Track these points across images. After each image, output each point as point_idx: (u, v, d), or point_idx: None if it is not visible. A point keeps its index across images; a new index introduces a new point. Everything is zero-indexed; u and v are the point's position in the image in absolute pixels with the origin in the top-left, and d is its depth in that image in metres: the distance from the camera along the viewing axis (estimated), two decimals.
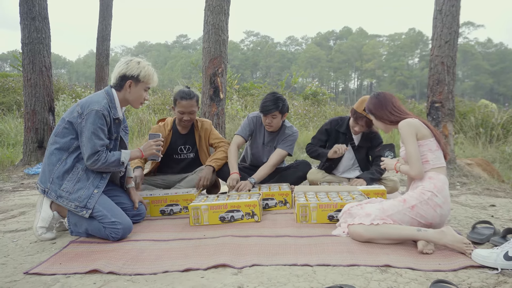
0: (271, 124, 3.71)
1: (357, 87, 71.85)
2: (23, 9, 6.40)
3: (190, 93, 3.60)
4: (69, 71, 70.82)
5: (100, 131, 2.62)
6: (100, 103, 2.65)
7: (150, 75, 2.81)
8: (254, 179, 3.61)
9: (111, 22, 10.77)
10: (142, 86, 2.81)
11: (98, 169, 2.64)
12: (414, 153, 2.55)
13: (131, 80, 2.78)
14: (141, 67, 2.79)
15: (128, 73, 2.77)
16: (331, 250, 2.30)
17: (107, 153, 2.65)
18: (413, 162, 2.56)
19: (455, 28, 5.34)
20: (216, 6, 6.25)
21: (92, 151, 2.57)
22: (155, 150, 2.91)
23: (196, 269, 2.07)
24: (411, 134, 2.57)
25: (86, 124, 2.59)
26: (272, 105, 3.61)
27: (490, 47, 63.91)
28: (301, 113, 13.07)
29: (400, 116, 2.71)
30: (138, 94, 2.82)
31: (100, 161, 2.60)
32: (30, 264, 2.23)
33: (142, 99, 2.86)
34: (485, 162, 5.93)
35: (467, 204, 3.68)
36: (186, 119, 3.62)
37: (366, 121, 3.55)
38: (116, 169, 2.76)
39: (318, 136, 3.96)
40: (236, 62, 64.33)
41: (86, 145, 2.58)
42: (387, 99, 2.78)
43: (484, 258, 2.05)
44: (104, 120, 2.64)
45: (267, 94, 3.75)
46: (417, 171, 2.56)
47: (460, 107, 9.98)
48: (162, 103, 12.61)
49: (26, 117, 6.54)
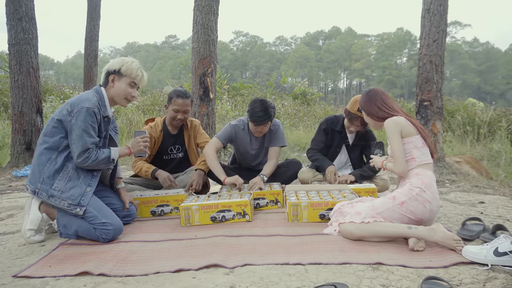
0: (262, 131, 3.71)
1: (347, 86, 72.27)
2: (9, 9, 6.31)
3: (186, 93, 3.63)
4: (57, 72, 70.11)
5: (91, 129, 2.60)
6: (90, 101, 2.63)
7: (132, 69, 2.76)
8: (265, 176, 3.61)
9: (99, 22, 10.68)
10: (125, 81, 2.76)
11: (88, 166, 2.62)
12: (398, 150, 2.58)
13: (113, 74, 2.76)
14: (124, 62, 2.77)
15: (111, 68, 2.77)
16: (322, 248, 2.31)
17: (97, 150, 2.63)
18: (397, 159, 2.59)
19: (443, 27, 5.39)
20: (205, 6, 6.24)
21: (83, 149, 2.55)
22: (143, 147, 2.89)
23: (188, 270, 2.06)
24: (396, 132, 2.60)
25: (77, 121, 2.56)
26: (265, 115, 3.56)
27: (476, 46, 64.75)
28: (291, 113, 13.09)
29: (388, 112, 2.72)
30: (120, 88, 2.77)
31: (91, 159, 2.58)
32: (18, 267, 2.20)
33: (128, 95, 2.79)
34: (473, 159, 5.99)
35: (457, 201, 3.72)
36: (180, 118, 3.61)
37: (361, 120, 3.56)
38: (105, 166, 2.74)
39: (318, 138, 3.95)
40: (225, 62, 64.28)
41: (77, 143, 2.55)
42: (377, 95, 2.79)
43: (474, 255, 2.07)
44: (94, 117, 2.62)
45: (255, 102, 3.62)
46: (400, 169, 2.59)
47: (448, 106, 10.08)
48: (152, 104, 12.54)
49: (14, 119, 6.45)
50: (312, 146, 3.96)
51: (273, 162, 3.75)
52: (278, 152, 3.82)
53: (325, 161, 3.78)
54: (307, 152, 4.00)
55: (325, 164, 3.75)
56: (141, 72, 2.82)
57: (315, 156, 3.87)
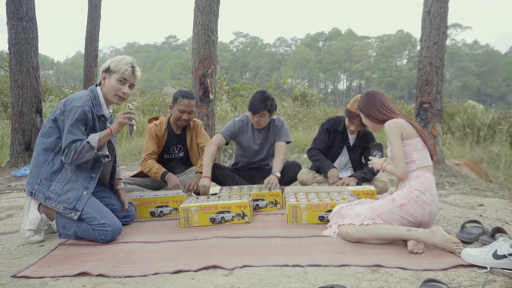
0: (259, 122, 3.74)
1: (346, 88, 72.23)
2: (10, 9, 6.31)
3: (191, 93, 3.65)
4: (57, 72, 70.07)
5: (76, 128, 2.56)
6: (81, 100, 2.61)
7: (121, 65, 2.70)
8: (277, 172, 3.62)
9: (99, 22, 10.69)
10: (115, 77, 2.71)
11: (74, 160, 2.54)
12: (399, 153, 2.58)
13: (105, 72, 2.76)
14: (114, 59, 2.75)
15: (103, 66, 2.77)
16: (322, 250, 2.31)
17: (76, 143, 2.53)
18: (398, 161, 2.59)
19: (443, 29, 5.39)
20: (206, 6, 6.23)
21: (64, 146, 2.52)
22: (121, 119, 2.64)
23: (187, 271, 2.06)
24: (396, 134, 2.60)
25: (67, 120, 2.56)
26: (261, 104, 3.63)
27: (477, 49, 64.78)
28: (290, 114, 13.10)
29: (388, 115, 2.72)
30: (110, 85, 2.72)
31: (71, 151, 2.50)
32: (17, 267, 2.20)
33: (118, 91, 2.72)
34: (473, 162, 5.99)
35: (456, 203, 3.72)
36: (185, 118, 3.63)
37: (360, 119, 3.57)
38: (90, 155, 2.57)
39: (320, 138, 3.95)
40: (225, 63, 64.26)
41: (63, 141, 2.54)
42: (376, 97, 2.79)
43: (473, 257, 2.07)
44: (85, 116, 2.60)
45: (255, 93, 3.78)
46: (401, 171, 2.59)
47: (448, 108, 10.08)
48: (151, 104, 12.54)
49: (13, 119, 6.45)
50: (313, 146, 3.96)
51: (280, 157, 3.75)
52: (284, 147, 3.83)
53: (327, 162, 3.79)
54: (307, 152, 4.00)
55: (327, 166, 3.75)
56: (130, 67, 2.72)
57: (317, 157, 3.87)
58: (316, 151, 3.91)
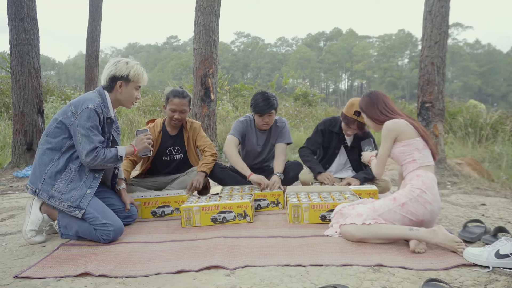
0: (268, 122, 3.75)
1: (348, 88, 72.20)
2: (11, 10, 6.33)
3: (183, 92, 3.62)
4: (58, 73, 70.12)
5: (95, 128, 2.61)
6: (93, 101, 2.64)
7: (139, 74, 2.81)
8: (281, 174, 3.63)
9: (100, 23, 10.71)
10: (132, 86, 2.80)
11: (96, 166, 2.61)
12: (383, 155, 2.72)
13: (121, 80, 2.76)
14: (130, 67, 2.78)
15: (118, 73, 2.75)
16: (323, 250, 2.30)
17: (105, 149, 2.63)
18: (378, 162, 2.76)
19: (445, 28, 5.39)
20: (207, 7, 6.24)
21: (91, 148, 2.55)
22: (147, 144, 2.91)
23: (188, 271, 2.06)
24: (388, 137, 2.66)
25: (81, 121, 2.56)
26: (267, 105, 3.63)
27: (478, 48, 64.62)
28: (292, 114, 13.09)
29: (390, 116, 2.72)
30: (129, 94, 2.81)
31: (99, 157, 2.57)
32: (19, 268, 2.20)
33: (134, 98, 2.85)
34: (474, 161, 5.99)
35: (458, 203, 3.71)
36: (177, 117, 3.60)
37: (358, 124, 3.57)
38: (113, 165, 2.75)
39: (314, 138, 3.94)
40: (226, 63, 64.27)
41: (84, 142, 2.55)
42: (379, 98, 2.79)
43: (475, 257, 2.06)
44: (98, 117, 2.62)
45: (256, 95, 3.75)
46: (377, 171, 2.80)
47: (449, 107, 10.07)
48: (153, 104, 12.56)
49: (15, 119, 6.46)
50: (306, 145, 3.95)
51: (282, 159, 3.77)
52: (285, 149, 3.85)
53: (317, 165, 3.79)
54: (299, 150, 3.96)
55: (317, 168, 3.75)
56: (145, 75, 2.87)
57: (308, 157, 3.86)
58: (308, 151, 3.91)
